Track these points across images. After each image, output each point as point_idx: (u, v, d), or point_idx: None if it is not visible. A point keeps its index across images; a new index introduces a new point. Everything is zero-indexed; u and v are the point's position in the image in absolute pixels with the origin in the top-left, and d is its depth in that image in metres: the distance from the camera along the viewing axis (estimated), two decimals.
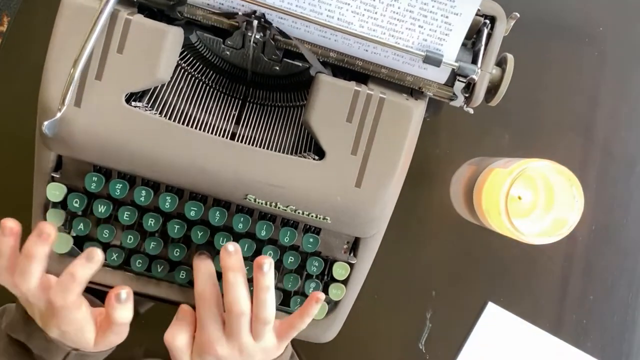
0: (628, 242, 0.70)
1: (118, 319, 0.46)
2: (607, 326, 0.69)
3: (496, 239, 0.63)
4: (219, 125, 0.51)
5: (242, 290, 0.47)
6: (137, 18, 0.46)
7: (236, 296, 0.46)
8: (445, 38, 0.48)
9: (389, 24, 0.47)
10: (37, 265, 0.42)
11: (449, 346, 0.68)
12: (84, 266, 0.43)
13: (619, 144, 0.71)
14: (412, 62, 0.49)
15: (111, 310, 0.46)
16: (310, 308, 0.48)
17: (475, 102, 0.50)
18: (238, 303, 0.46)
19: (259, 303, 0.47)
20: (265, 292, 0.47)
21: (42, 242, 0.42)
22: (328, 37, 0.48)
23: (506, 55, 0.51)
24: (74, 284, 0.43)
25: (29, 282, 0.43)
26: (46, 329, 0.47)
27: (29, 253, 0.42)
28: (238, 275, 0.47)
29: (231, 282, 0.46)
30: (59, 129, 0.45)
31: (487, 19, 0.50)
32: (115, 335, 0.48)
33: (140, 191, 0.49)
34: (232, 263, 0.47)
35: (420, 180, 0.68)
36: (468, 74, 0.48)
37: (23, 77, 0.65)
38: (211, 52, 0.53)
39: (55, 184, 0.50)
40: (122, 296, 0.45)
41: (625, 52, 0.72)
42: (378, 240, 0.54)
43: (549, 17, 0.71)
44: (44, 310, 0.45)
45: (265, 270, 0.47)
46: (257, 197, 0.48)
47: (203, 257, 0.50)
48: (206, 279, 0.48)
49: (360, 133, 0.47)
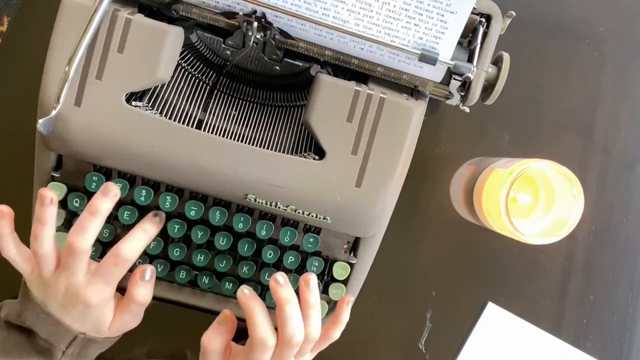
0: (628, 242, 0.70)
1: (139, 297, 0.48)
2: (607, 326, 0.69)
3: (496, 239, 0.63)
4: (219, 125, 0.51)
5: (300, 321, 0.47)
6: (138, 18, 0.46)
7: (295, 328, 0.47)
8: (441, 36, 0.48)
9: (384, 22, 0.47)
10: (50, 228, 0.45)
11: (449, 346, 0.68)
12: (101, 200, 0.45)
13: (619, 144, 0.71)
14: (407, 61, 0.49)
15: (134, 287, 0.48)
16: (343, 314, 0.50)
17: (471, 101, 0.50)
18: (297, 335, 0.47)
19: (308, 320, 0.48)
20: (312, 309, 0.48)
21: (47, 206, 0.45)
22: (324, 36, 0.48)
23: (502, 54, 0.51)
24: (93, 219, 0.45)
25: (44, 244, 0.45)
26: (66, 310, 0.47)
27: (39, 218, 0.45)
28: (294, 306, 0.47)
29: (288, 315, 0.46)
30: (59, 129, 0.45)
31: (482, 17, 0.49)
32: (131, 317, 0.49)
33: (141, 191, 0.49)
34: (286, 294, 0.47)
35: (420, 180, 0.68)
36: (464, 73, 0.48)
37: (23, 77, 0.65)
38: (212, 52, 0.53)
39: (56, 184, 0.50)
40: (147, 274, 0.48)
41: (625, 52, 0.72)
42: (378, 240, 0.54)
43: (549, 17, 0.71)
44: (79, 281, 0.46)
45: (311, 287, 0.48)
46: (257, 197, 0.48)
47: (250, 296, 0.48)
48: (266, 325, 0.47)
49: (360, 133, 0.47)
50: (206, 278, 0.53)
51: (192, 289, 0.54)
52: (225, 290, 0.53)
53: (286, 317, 0.46)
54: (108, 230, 0.51)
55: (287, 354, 0.47)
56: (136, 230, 0.48)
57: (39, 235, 0.45)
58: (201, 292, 0.54)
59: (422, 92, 0.51)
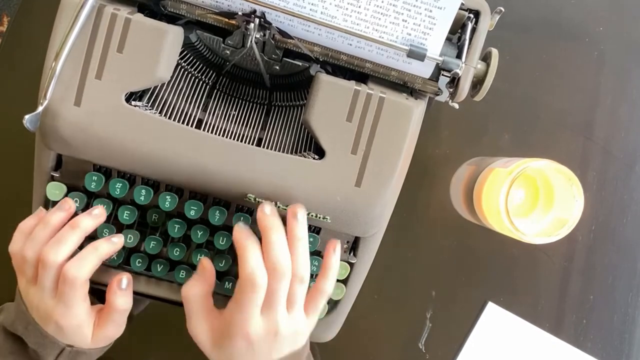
0: (628, 242, 0.70)
1: (118, 306, 0.47)
2: (607, 326, 0.69)
3: (496, 239, 0.63)
4: (219, 124, 0.51)
5: (285, 249, 0.44)
6: (137, 17, 0.46)
7: (279, 254, 0.44)
8: (429, 32, 0.47)
9: (372, 18, 0.47)
10: (77, 235, 0.46)
11: (449, 346, 0.68)
12: (85, 217, 0.46)
13: (619, 144, 0.71)
14: (396, 57, 0.49)
15: (112, 296, 0.47)
16: (330, 260, 0.47)
17: (460, 97, 0.50)
18: (282, 263, 0.44)
19: (295, 253, 0.45)
20: (299, 242, 0.45)
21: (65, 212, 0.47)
22: (312, 32, 0.48)
23: (491, 50, 0.51)
24: (71, 234, 0.45)
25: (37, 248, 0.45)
26: (43, 324, 0.47)
27: (49, 221, 0.46)
28: (279, 234, 0.44)
29: (272, 240, 0.44)
30: (59, 128, 0.45)
31: (471, 13, 0.49)
32: (113, 326, 0.48)
33: (140, 190, 0.49)
34: (271, 223, 0.45)
35: (420, 180, 0.68)
36: (452, 69, 0.48)
37: (23, 77, 0.65)
38: (211, 52, 0.53)
39: (55, 183, 0.50)
40: (123, 282, 0.48)
41: (625, 52, 0.72)
42: (378, 239, 0.54)
43: (549, 17, 0.71)
44: (46, 300, 0.46)
45: (299, 219, 0.45)
46: (257, 197, 0.48)
47: (245, 233, 0.46)
48: (258, 261, 0.44)
49: (360, 132, 0.47)
50: None
51: None
52: (225, 289, 0.53)
53: (270, 242, 0.44)
54: (108, 230, 0.51)
55: (275, 289, 0.44)
56: (86, 248, 0.47)
57: (36, 237, 0.45)
58: None
59: (422, 91, 0.51)
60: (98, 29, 0.45)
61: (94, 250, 0.46)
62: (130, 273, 0.53)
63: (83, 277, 0.45)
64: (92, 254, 0.46)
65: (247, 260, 0.44)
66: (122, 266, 0.53)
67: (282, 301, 0.45)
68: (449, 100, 0.51)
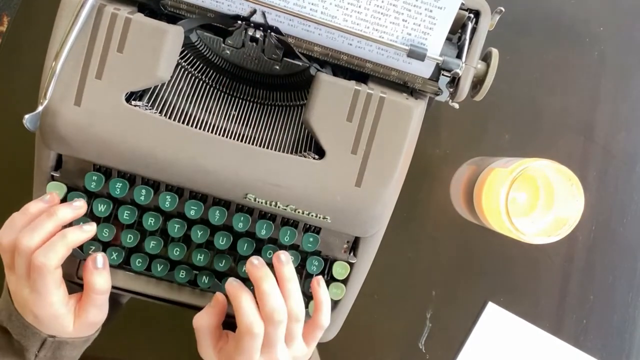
0: (628, 242, 0.70)
1: (97, 286, 0.47)
2: (607, 326, 0.69)
3: (496, 239, 0.63)
4: (219, 124, 0.51)
5: (278, 297, 0.47)
6: (137, 17, 0.46)
7: (274, 303, 0.46)
8: (429, 32, 0.47)
9: (372, 18, 0.47)
10: (53, 223, 0.45)
11: (449, 346, 0.68)
12: (64, 207, 0.46)
13: (619, 144, 0.71)
14: (396, 57, 0.49)
15: (89, 276, 0.47)
16: (320, 294, 0.49)
17: (460, 97, 0.50)
18: (278, 311, 0.46)
19: (288, 296, 0.47)
20: (289, 283, 0.47)
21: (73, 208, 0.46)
22: (312, 31, 0.48)
23: (491, 50, 0.51)
24: (47, 221, 0.45)
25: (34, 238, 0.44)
26: (23, 313, 0.47)
27: (52, 212, 0.45)
28: (270, 283, 0.46)
29: (267, 291, 0.46)
30: (59, 128, 0.45)
31: (471, 13, 0.49)
32: (95, 310, 0.48)
33: (140, 190, 0.49)
34: (261, 273, 0.47)
35: (420, 180, 0.68)
36: (452, 68, 0.48)
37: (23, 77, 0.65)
38: (211, 51, 0.53)
39: (55, 183, 0.50)
40: (98, 260, 0.47)
41: (625, 52, 0.72)
42: (378, 239, 0.54)
43: (549, 18, 0.71)
44: (22, 288, 0.45)
45: (284, 261, 0.47)
46: (257, 197, 0.48)
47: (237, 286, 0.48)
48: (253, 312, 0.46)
49: (360, 132, 0.47)
50: (206, 278, 0.53)
51: (192, 289, 0.54)
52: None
53: (263, 293, 0.46)
54: (108, 230, 0.51)
55: (273, 335, 0.46)
56: (55, 236, 0.46)
57: (14, 225, 0.45)
58: (201, 291, 0.54)
59: (422, 91, 0.51)
60: (98, 28, 0.45)
61: (62, 238, 0.45)
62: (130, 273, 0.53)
63: (51, 265, 0.44)
64: (61, 242, 0.45)
65: (243, 313, 0.46)
66: (123, 266, 0.53)
67: (280, 341, 0.47)
68: (449, 100, 0.51)
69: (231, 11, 0.48)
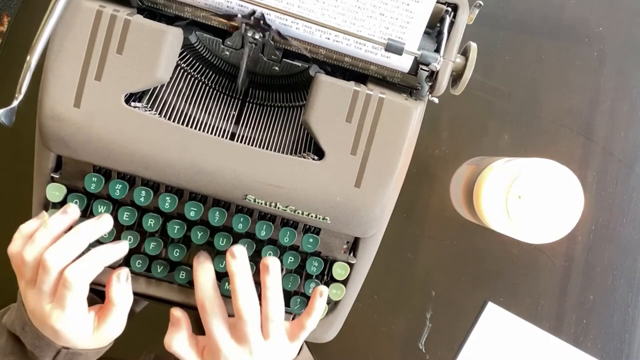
0: (628, 242, 0.70)
1: (119, 301, 0.47)
2: (607, 326, 0.69)
3: (496, 239, 0.63)
4: (219, 125, 0.51)
5: (250, 295, 0.48)
6: (137, 18, 0.46)
7: (245, 302, 0.47)
8: (406, 26, 0.47)
9: (350, 12, 0.47)
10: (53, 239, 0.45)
11: (449, 346, 0.68)
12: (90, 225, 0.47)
13: (619, 144, 0.71)
14: (374, 51, 0.49)
15: (112, 291, 0.47)
16: (316, 303, 0.49)
17: (439, 91, 0.49)
18: (247, 309, 0.47)
19: (265, 301, 0.48)
20: (268, 291, 0.48)
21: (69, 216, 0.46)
22: (289, 25, 0.48)
23: (470, 44, 0.50)
24: (76, 239, 0.45)
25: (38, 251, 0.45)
26: (40, 326, 0.47)
27: (54, 225, 0.46)
28: (244, 280, 0.47)
29: (239, 288, 0.47)
30: (59, 129, 0.45)
31: (449, 7, 0.49)
32: (114, 324, 0.48)
33: (140, 191, 0.49)
34: (237, 268, 0.47)
35: (420, 180, 0.68)
36: (430, 62, 0.48)
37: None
38: (211, 53, 0.53)
39: (55, 185, 0.50)
40: (122, 276, 0.48)
41: (625, 52, 0.72)
42: (378, 240, 0.54)
43: (549, 17, 0.71)
44: (43, 304, 0.46)
45: (270, 270, 0.48)
46: (256, 197, 0.48)
47: (202, 260, 0.50)
48: (206, 286, 0.49)
49: (359, 133, 0.47)
50: None
51: (192, 290, 0.54)
52: (225, 290, 0.53)
53: (236, 291, 0.47)
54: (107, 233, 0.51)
55: (244, 330, 0.47)
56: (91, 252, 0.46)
57: (37, 240, 0.45)
58: None
59: (422, 92, 0.51)
60: (97, 30, 0.45)
61: (99, 256, 0.46)
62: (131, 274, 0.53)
63: (84, 282, 0.45)
64: (97, 260, 0.46)
65: (212, 331, 0.48)
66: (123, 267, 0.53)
67: (253, 335, 0.48)
68: (428, 95, 0.51)
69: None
